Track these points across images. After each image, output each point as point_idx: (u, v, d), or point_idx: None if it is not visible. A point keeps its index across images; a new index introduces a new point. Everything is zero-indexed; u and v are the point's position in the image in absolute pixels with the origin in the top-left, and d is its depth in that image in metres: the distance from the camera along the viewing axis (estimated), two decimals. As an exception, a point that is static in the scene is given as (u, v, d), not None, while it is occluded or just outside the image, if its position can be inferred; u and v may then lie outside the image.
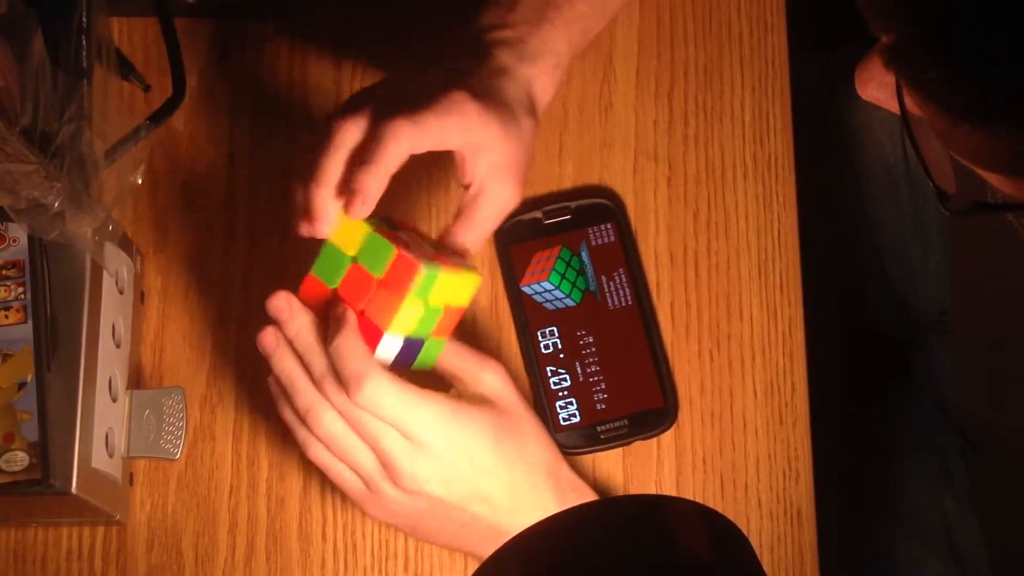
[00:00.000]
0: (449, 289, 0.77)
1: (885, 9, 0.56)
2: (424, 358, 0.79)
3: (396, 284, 0.75)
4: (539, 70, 0.82)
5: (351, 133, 0.76)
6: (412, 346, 0.77)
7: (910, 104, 0.61)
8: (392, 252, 0.75)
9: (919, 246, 1.21)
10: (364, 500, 0.79)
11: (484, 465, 0.77)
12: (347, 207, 0.75)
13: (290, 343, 0.77)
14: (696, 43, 0.96)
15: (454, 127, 0.76)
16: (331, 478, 0.79)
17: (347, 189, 0.74)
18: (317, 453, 0.78)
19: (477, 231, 0.80)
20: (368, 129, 0.75)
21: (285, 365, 0.77)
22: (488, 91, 0.78)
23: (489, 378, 0.80)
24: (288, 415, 0.78)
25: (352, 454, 0.77)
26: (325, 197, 0.75)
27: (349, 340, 0.75)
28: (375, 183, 0.74)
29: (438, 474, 0.77)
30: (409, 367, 0.78)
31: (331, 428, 0.76)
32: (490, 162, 0.78)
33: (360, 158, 0.75)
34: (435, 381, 0.81)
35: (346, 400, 0.75)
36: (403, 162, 0.75)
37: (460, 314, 0.80)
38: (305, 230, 0.77)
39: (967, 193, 0.62)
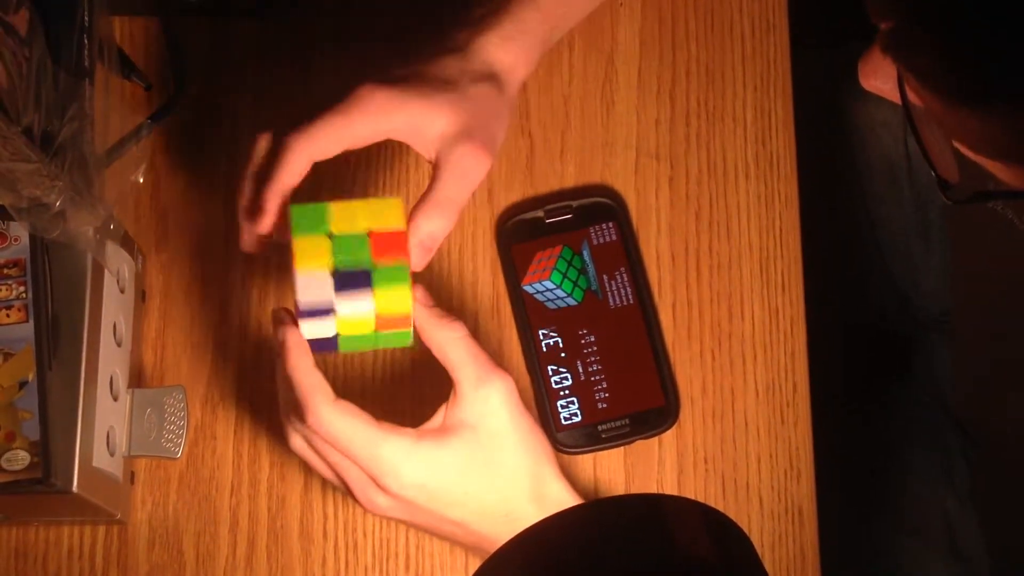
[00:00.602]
0: (358, 214, 0.75)
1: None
2: (388, 291, 0.75)
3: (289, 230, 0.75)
4: (497, 35, 0.82)
5: (259, 150, 0.78)
6: (355, 278, 0.74)
7: (911, 93, 0.61)
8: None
9: (921, 244, 1.21)
10: (359, 497, 0.78)
11: (447, 499, 0.76)
12: (254, 223, 0.77)
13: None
14: (698, 42, 0.96)
15: (357, 122, 0.77)
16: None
17: (254, 206, 0.77)
18: (307, 456, 0.79)
19: (432, 202, 0.78)
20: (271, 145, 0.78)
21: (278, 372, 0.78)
22: (413, 74, 0.79)
23: (480, 399, 0.77)
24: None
25: (322, 472, 0.77)
26: (241, 213, 0.78)
27: (290, 366, 0.75)
28: (272, 198, 0.76)
29: (398, 507, 0.76)
30: (369, 292, 0.75)
31: (299, 449, 0.77)
32: (435, 135, 0.78)
33: (263, 175, 0.77)
34: (437, 379, 0.80)
35: (316, 425, 0.75)
36: (304, 172, 0.76)
37: (403, 237, 0.76)
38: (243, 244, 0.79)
39: (968, 183, 0.62)
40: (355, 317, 0.75)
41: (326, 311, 0.75)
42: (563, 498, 0.79)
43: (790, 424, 0.90)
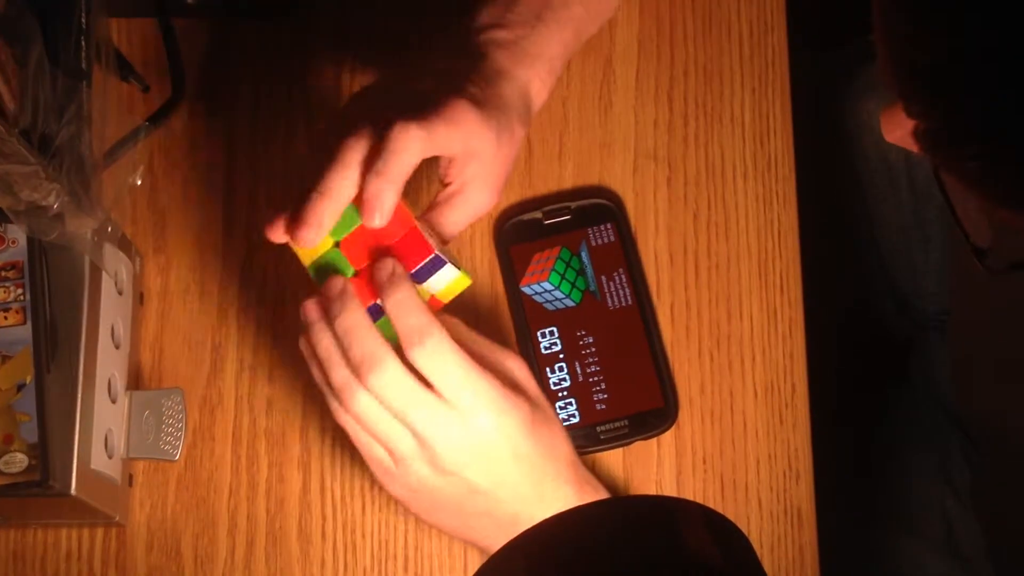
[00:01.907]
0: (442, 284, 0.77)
1: (923, 98, 0.55)
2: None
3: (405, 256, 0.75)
4: (535, 73, 0.82)
5: (357, 150, 0.74)
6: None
7: (944, 174, 0.60)
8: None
9: (920, 244, 1.21)
10: (387, 475, 0.77)
11: (522, 451, 0.76)
12: (364, 217, 0.74)
13: (331, 321, 0.75)
14: (696, 43, 0.96)
15: (457, 136, 0.76)
16: (358, 448, 0.77)
17: (362, 200, 0.74)
18: (347, 424, 0.76)
19: (447, 228, 0.80)
20: (372, 138, 0.74)
21: (323, 338, 0.75)
22: (487, 98, 0.78)
23: (514, 367, 0.78)
24: (319, 378, 0.76)
25: (388, 435, 0.75)
26: (325, 208, 0.74)
27: (408, 296, 0.74)
28: (389, 193, 0.73)
29: (477, 457, 0.75)
30: (458, 265, 0.77)
31: (366, 409, 0.74)
32: (477, 169, 0.79)
33: (373, 168, 0.73)
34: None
35: (383, 383, 0.73)
36: (414, 169, 0.74)
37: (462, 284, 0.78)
38: (288, 235, 0.76)
39: (1004, 252, 0.62)
40: (426, 290, 0.77)
41: (426, 275, 0.76)
42: (587, 473, 0.79)
43: (789, 425, 0.90)
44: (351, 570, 0.87)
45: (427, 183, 0.92)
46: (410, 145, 0.73)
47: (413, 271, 0.76)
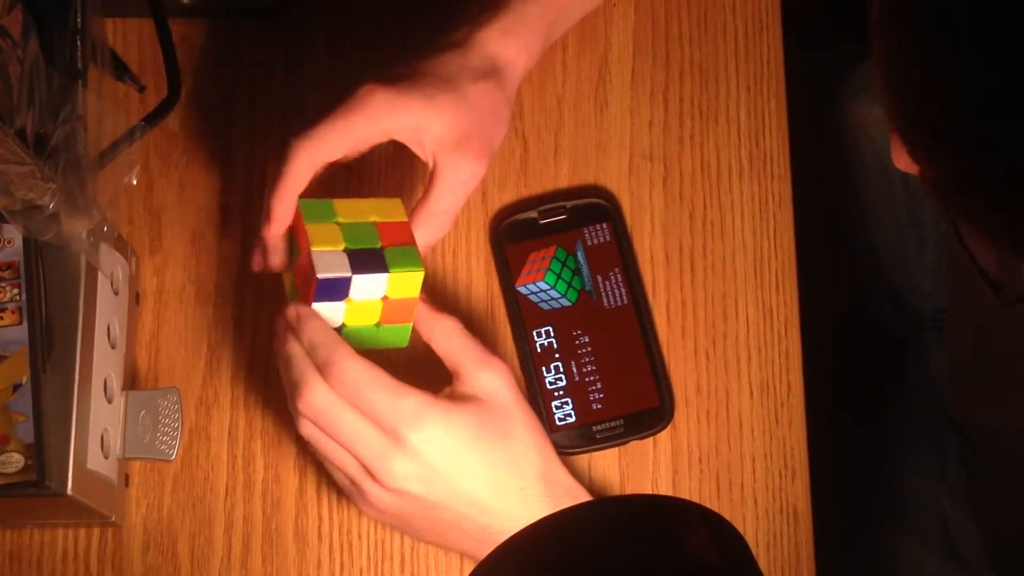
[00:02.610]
0: (363, 208, 0.79)
1: (937, 151, 0.55)
2: (401, 263, 0.78)
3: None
4: (497, 29, 0.82)
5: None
6: (369, 256, 0.78)
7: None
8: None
9: (914, 243, 1.21)
10: (354, 498, 0.79)
11: (461, 463, 0.77)
12: (261, 228, 0.79)
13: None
14: (691, 43, 0.96)
15: (359, 123, 0.78)
16: (326, 468, 0.80)
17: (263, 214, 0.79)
18: (314, 450, 0.79)
19: (427, 212, 0.80)
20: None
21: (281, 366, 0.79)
22: (413, 72, 0.79)
23: (485, 378, 0.79)
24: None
25: (335, 457, 0.78)
26: (269, 231, 0.80)
27: (311, 328, 0.77)
28: (278, 203, 0.78)
29: (415, 471, 0.77)
30: (386, 270, 0.78)
31: (310, 434, 0.78)
32: (434, 137, 0.79)
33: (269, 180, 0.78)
34: (437, 375, 0.81)
35: (314, 404, 0.76)
36: (308, 176, 0.78)
37: (407, 227, 0.80)
38: (258, 265, 0.82)
39: (1015, 284, 0.62)
40: (367, 298, 0.78)
41: (341, 291, 0.77)
42: (569, 483, 0.80)
43: (785, 424, 0.90)
44: (347, 571, 0.87)
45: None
46: (293, 154, 0.77)
47: (313, 298, 0.77)
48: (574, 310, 0.90)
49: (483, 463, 0.78)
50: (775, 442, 0.90)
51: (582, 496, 0.81)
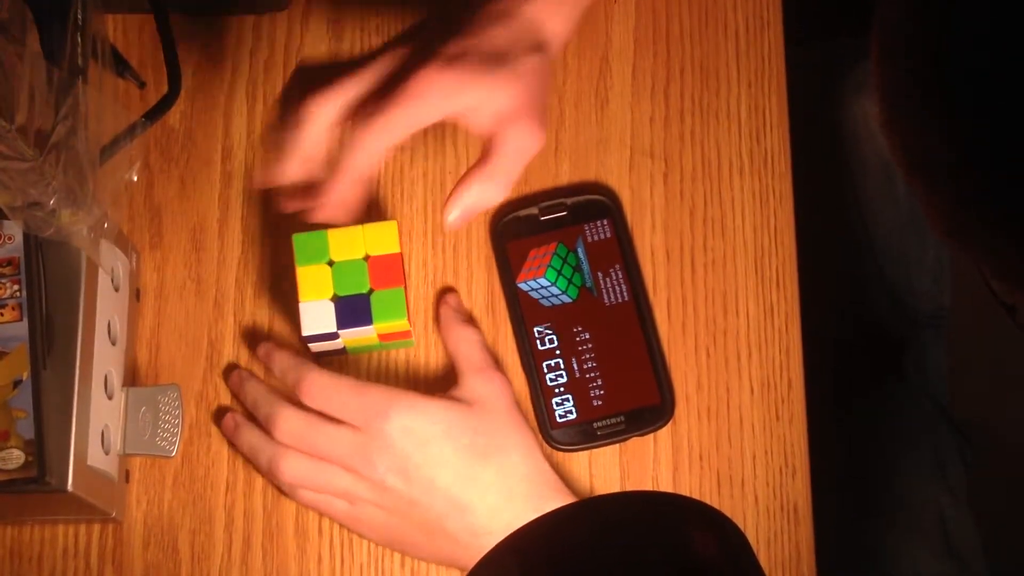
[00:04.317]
0: (356, 240, 0.83)
1: (937, 188, 0.54)
2: (385, 313, 0.82)
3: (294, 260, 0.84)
4: (544, 5, 0.82)
5: (311, 134, 0.80)
6: (354, 303, 0.82)
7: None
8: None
9: (914, 242, 1.21)
10: (352, 521, 0.83)
11: (434, 453, 0.79)
12: (326, 214, 0.79)
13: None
14: (692, 40, 0.96)
15: (424, 106, 0.77)
16: (324, 512, 0.85)
17: (322, 198, 0.78)
18: (304, 498, 0.84)
19: (485, 173, 0.79)
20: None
21: (242, 436, 0.87)
22: (465, 49, 0.79)
23: (479, 382, 0.83)
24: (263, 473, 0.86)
25: (327, 481, 0.82)
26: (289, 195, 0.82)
27: (280, 356, 0.84)
28: (347, 190, 0.78)
29: (393, 463, 0.79)
30: (370, 323, 0.82)
31: (296, 468, 0.82)
32: (492, 112, 0.78)
33: (334, 167, 0.78)
34: (440, 378, 0.81)
35: (289, 429, 0.82)
36: (377, 163, 0.78)
37: (398, 260, 0.83)
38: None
39: None
40: (358, 338, 0.85)
41: (331, 337, 0.83)
42: (557, 485, 0.80)
43: (785, 421, 0.90)
44: (347, 566, 0.87)
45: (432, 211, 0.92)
46: (362, 141, 0.77)
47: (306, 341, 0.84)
48: (575, 307, 0.90)
49: (456, 454, 0.80)
50: (775, 439, 0.90)
51: (569, 499, 0.81)
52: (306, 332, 0.82)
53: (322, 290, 0.83)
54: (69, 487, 0.78)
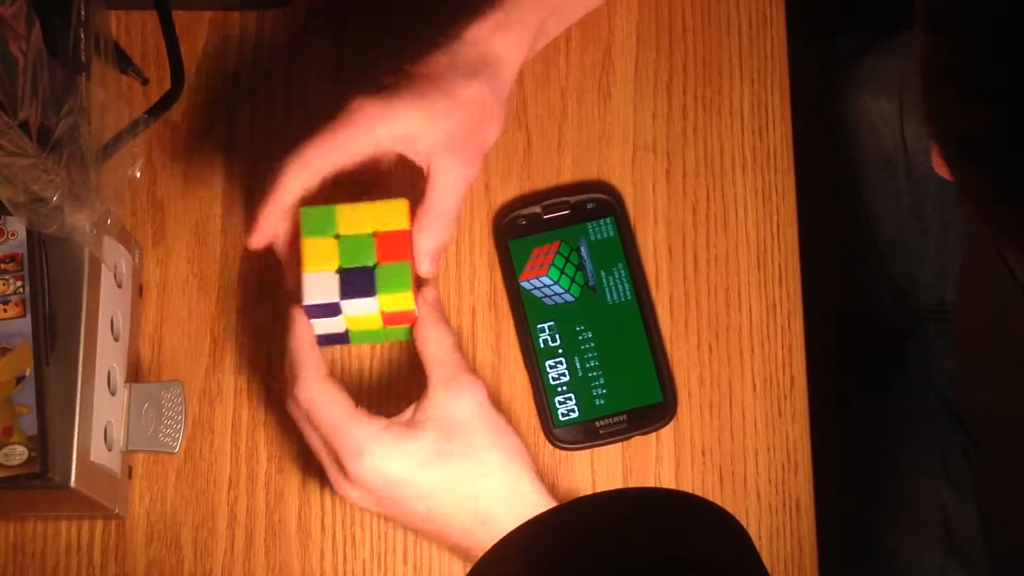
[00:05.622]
0: (365, 217, 0.80)
1: (974, 170, 0.54)
2: (390, 285, 0.79)
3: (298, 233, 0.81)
4: (488, 26, 0.82)
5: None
6: (359, 277, 0.79)
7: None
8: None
9: (917, 236, 1.21)
10: (336, 484, 0.80)
11: (409, 491, 0.77)
12: (247, 239, 0.81)
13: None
14: (695, 36, 0.96)
15: (348, 138, 0.78)
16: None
17: (252, 231, 0.81)
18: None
19: (431, 215, 0.80)
20: None
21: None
22: (402, 78, 0.79)
23: (450, 394, 0.79)
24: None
25: (313, 442, 0.80)
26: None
27: (292, 337, 0.80)
28: (264, 217, 0.80)
29: (364, 495, 0.78)
30: (373, 294, 0.79)
31: (293, 414, 0.80)
32: (429, 143, 0.79)
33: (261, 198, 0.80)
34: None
35: (296, 393, 0.79)
36: (299, 193, 0.79)
37: (407, 236, 0.80)
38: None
39: None
40: (363, 314, 0.81)
41: (333, 311, 0.80)
42: (536, 499, 0.79)
43: (788, 417, 0.90)
44: (350, 562, 0.87)
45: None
46: (283, 172, 0.79)
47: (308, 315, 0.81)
48: (577, 305, 0.90)
49: (436, 488, 0.78)
50: (778, 435, 0.90)
51: (550, 502, 0.80)
52: (307, 301, 0.79)
53: (327, 262, 0.80)
54: (72, 483, 0.78)
